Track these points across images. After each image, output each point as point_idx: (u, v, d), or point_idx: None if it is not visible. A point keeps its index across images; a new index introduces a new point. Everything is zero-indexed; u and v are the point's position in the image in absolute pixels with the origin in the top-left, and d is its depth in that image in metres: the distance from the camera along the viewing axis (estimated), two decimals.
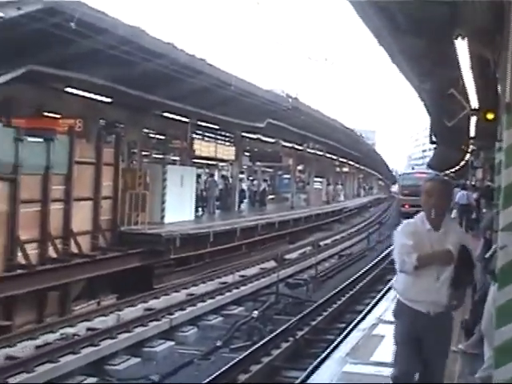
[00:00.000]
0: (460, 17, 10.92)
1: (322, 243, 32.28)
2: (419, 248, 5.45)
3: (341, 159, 67.50)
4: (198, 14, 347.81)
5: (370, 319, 11.24)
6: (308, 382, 8.27)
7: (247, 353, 13.01)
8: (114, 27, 16.52)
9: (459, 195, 36.75)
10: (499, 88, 13.30)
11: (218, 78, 23.05)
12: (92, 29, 15.63)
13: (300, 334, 15.01)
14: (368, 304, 17.55)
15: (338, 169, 71.74)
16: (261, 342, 13.85)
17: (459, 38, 11.32)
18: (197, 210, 30.37)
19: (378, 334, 9.84)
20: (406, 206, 43.75)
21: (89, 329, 14.72)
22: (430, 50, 13.91)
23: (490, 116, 16.05)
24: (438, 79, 17.20)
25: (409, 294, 5.59)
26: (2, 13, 14.54)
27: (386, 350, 8.85)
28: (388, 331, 10.00)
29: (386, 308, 12.13)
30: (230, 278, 22.09)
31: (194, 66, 20.94)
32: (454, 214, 41.59)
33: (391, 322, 10.59)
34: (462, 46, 11.81)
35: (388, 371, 7.98)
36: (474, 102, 16.97)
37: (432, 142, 28.57)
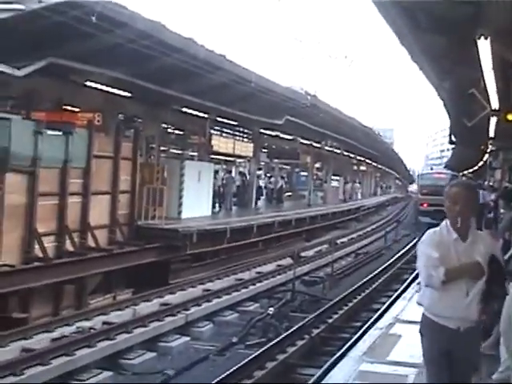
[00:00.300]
0: (483, 17, 10.85)
1: (338, 241, 32.24)
2: (446, 260, 5.12)
3: (358, 157, 67.39)
4: (219, 9, 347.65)
5: (387, 318, 11.22)
6: (324, 380, 8.26)
7: (263, 349, 13.02)
8: (135, 21, 16.52)
9: None
10: None
11: (238, 74, 23.03)
12: (112, 23, 15.63)
13: (316, 331, 15.01)
14: (384, 303, 17.57)
15: (355, 167, 71.68)
16: (276, 339, 13.85)
17: (482, 38, 11.25)
18: (214, 206, 30.38)
19: (394, 334, 9.82)
20: (425, 205, 44.05)
21: (105, 323, 14.77)
22: (451, 50, 13.83)
23: (511, 117, 15.98)
24: (458, 79, 17.12)
25: (436, 310, 5.25)
26: (22, 5, 14.60)
27: (403, 350, 8.87)
28: (405, 331, 10.02)
29: (402, 307, 12.12)
30: (246, 275, 22.10)
31: (213, 61, 20.93)
32: None
33: (408, 322, 10.66)
34: (484, 47, 11.74)
35: (404, 370, 8.04)
36: (495, 103, 16.88)
37: (451, 142, 28.45)
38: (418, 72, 17.33)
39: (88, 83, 20.35)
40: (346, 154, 58.40)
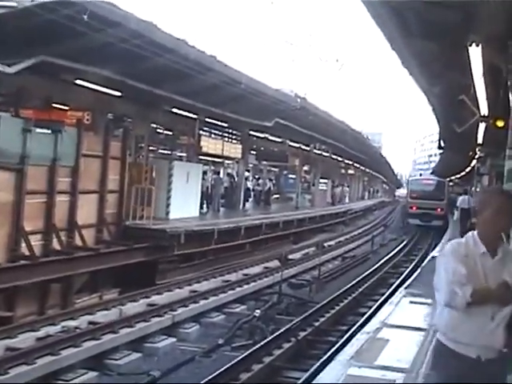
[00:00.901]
0: (474, 23, 10.87)
1: (325, 244, 32.25)
2: (472, 278, 4.38)
3: (347, 161, 67.49)
4: (211, 10, 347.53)
5: (374, 323, 11.21)
6: (312, 383, 8.24)
7: (249, 352, 12.98)
8: (126, 21, 16.50)
9: (460, 199, 37.19)
10: (511, 96, 13.28)
11: (228, 76, 23.03)
12: (104, 22, 15.62)
13: (302, 334, 14.98)
14: (371, 307, 17.58)
15: (343, 170, 71.81)
16: (263, 342, 13.82)
17: (473, 45, 11.27)
18: (201, 207, 30.35)
19: (382, 338, 9.80)
20: (414, 208, 47.15)
21: (90, 322, 14.68)
22: (442, 55, 13.86)
23: (500, 123, 16.01)
24: (448, 84, 17.16)
25: (454, 335, 4.51)
26: (15, 2, 14.56)
27: (391, 354, 8.85)
28: (392, 335, 10.00)
29: (389, 312, 12.12)
30: (233, 276, 22.07)
31: (204, 62, 20.92)
32: (455, 216, 42.11)
33: (396, 326, 10.66)
34: (475, 53, 11.77)
35: (392, 375, 8.02)
36: (484, 109, 16.92)
37: (440, 148, 28.53)
38: (408, 77, 17.37)
39: (78, 82, 20.28)
40: (334, 157, 58.52)
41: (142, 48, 17.38)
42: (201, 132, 31.50)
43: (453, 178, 62.91)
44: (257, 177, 52.27)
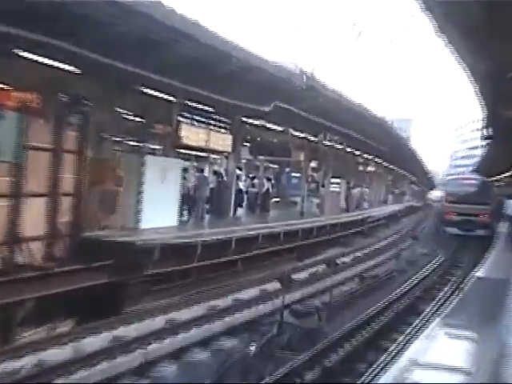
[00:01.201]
0: None
1: (338, 261, 32.24)
2: None
3: (365, 155, 67.48)
4: None
5: (403, 362, 11.10)
6: None
7: None
8: None
9: (511, 205, 37.30)
10: None
11: (216, 48, 22.90)
12: None
13: (309, 376, 14.93)
14: (398, 341, 17.50)
15: (361, 167, 71.73)
16: None
17: None
18: (181, 214, 30.28)
19: (413, 382, 9.71)
20: (452, 214, 47.14)
21: (39, 363, 14.58)
22: (491, 21, 13.78)
23: None
24: (497, 58, 17.10)
25: None
26: None
27: None
28: (426, 378, 9.89)
29: (421, 348, 12.02)
30: (221, 302, 22.01)
31: (184, 29, 20.79)
32: (506, 227, 42.16)
33: (430, 367, 10.54)
34: None
35: None
36: None
37: (485, 138, 28.54)
38: (445, 49, 17.29)
39: (22, 53, 20.14)
40: (349, 150, 58.49)
41: (105, 12, 17.26)
42: (180, 119, 31.42)
43: (501, 176, 62.91)
44: (251, 176, 52.23)
